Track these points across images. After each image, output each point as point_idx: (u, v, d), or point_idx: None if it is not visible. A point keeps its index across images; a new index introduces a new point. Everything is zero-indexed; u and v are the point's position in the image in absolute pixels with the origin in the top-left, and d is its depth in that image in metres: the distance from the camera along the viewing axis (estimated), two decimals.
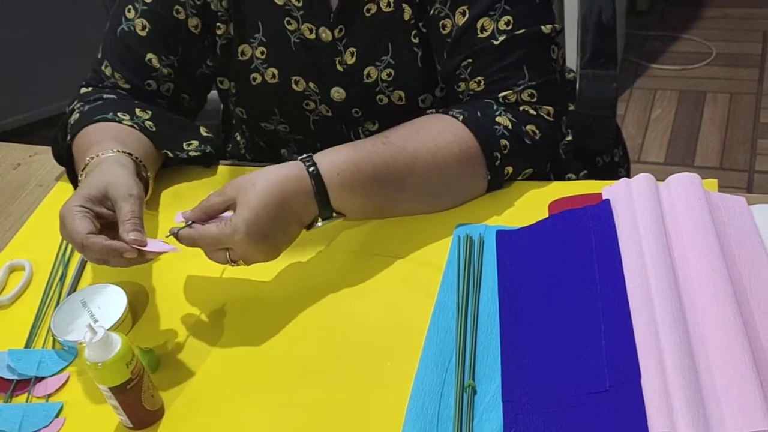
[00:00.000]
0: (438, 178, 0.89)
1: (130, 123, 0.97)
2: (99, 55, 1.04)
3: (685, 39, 2.72)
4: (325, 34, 0.98)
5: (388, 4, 0.95)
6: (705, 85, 2.51)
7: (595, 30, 1.32)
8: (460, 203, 0.92)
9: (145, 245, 0.78)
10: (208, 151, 1.03)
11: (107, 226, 0.82)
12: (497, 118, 0.90)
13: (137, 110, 0.99)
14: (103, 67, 1.03)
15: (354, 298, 0.83)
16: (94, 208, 0.81)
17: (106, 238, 0.78)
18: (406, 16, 0.96)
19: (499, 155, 0.89)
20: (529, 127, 0.91)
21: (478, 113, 0.90)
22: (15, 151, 1.16)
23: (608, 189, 0.85)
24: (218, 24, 1.01)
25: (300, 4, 0.97)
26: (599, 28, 1.32)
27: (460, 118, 0.89)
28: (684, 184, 0.81)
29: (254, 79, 1.03)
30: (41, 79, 2.54)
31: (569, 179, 1.13)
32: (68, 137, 0.97)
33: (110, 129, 0.95)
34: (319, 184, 0.83)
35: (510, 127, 0.90)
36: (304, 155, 0.85)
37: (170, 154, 0.99)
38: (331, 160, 0.84)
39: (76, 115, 0.98)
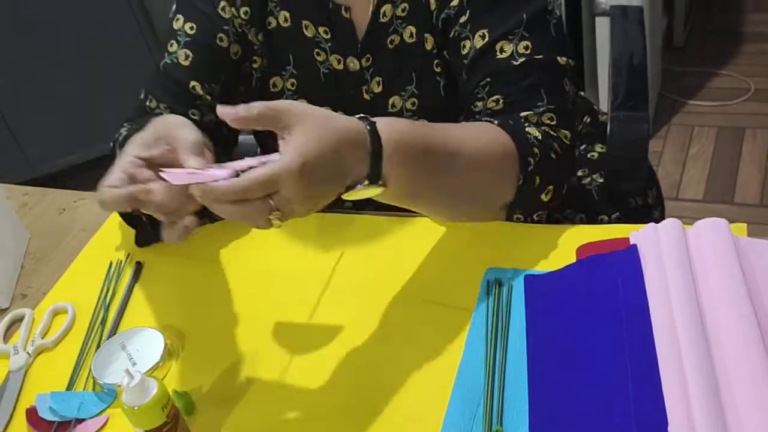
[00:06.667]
0: (478, 173, 0.88)
1: None
2: (141, 95, 1.05)
3: (722, 75, 2.70)
4: (353, 64, 1.02)
5: (411, 35, 0.99)
6: (744, 120, 2.49)
7: (627, 72, 1.33)
8: (485, 209, 0.92)
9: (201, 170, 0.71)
10: None
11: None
12: (527, 128, 0.92)
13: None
14: (147, 103, 1.04)
15: (383, 342, 0.85)
16: (144, 154, 0.76)
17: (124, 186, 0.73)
18: (428, 46, 0.99)
19: (532, 161, 0.90)
20: (554, 144, 0.93)
21: (510, 121, 0.92)
22: (60, 197, 1.20)
23: (636, 234, 0.85)
24: (254, 57, 1.05)
25: (328, 36, 1.02)
26: (630, 71, 1.33)
27: (496, 122, 0.91)
28: (712, 229, 0.81)
29: None
30: (87, 121, 2.61)
31: (601, 221, 1.13)
32: (117, 151, 0.91)
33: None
34: (376, 142, 0.77)
35: (539, 137, 0.91)
36: (360, 115, 0.80)
37: None
38: (389, 123, 0.80)
39: (123, 132, 0.98)
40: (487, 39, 0.94)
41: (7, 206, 1.10)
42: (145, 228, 1.02)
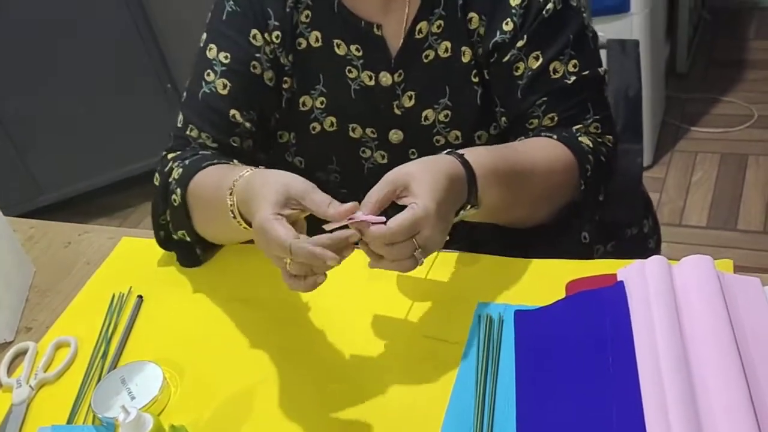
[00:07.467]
0: (548, 183, 0.98)
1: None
2: (179, 124, 1.07)
3: (725, 101, 2.72)
4: (386, 79, 1.05)
5: (447, 50, 1.03)
6: (747, 147, 2.50)
7: (623, 105, 1.35)
8: (552, 213, 1.02)
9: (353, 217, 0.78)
10: None
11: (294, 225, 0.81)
12: (579, 138, 1.02)
13: (235, 161, 1.03)
14: (188, 132, 1.06)
15: (377, 376, 0.86)
16: (284, 212, 0.80)
17: (309, 245, 0.76)
18: (465, 59, 1.03)
19: (589, 168, 1.00)
20: (602, 148, 1.03)
21: (564, 134, 1.01)
22: (65, 230, 1.22)
23: (623, 270, 0.87)
24: (285, 78, 1.08)
25: (360, 54, 1.05)
26: (627, 104, 1.35)
27: (555, 137, 1.00)
28: (697, 266, 0.83)
29: (313, 128, 1.09)
30: (96, 149, 2.65)
31: (597, 250, 1.15)
32: (178, 189, 0.99)
33: (229, 166, 0.98)
34: (470, 171, 0.88)
35: (591, 145, 1.02)
36: (447, 150, 0.90)
37: None
38: (473, 153, 0.90)
39: (179, 170, 1.01)
40: (540, 61, 1.00)
41: (13, 239, 1.12)
42: (188, 249, 1.05)
